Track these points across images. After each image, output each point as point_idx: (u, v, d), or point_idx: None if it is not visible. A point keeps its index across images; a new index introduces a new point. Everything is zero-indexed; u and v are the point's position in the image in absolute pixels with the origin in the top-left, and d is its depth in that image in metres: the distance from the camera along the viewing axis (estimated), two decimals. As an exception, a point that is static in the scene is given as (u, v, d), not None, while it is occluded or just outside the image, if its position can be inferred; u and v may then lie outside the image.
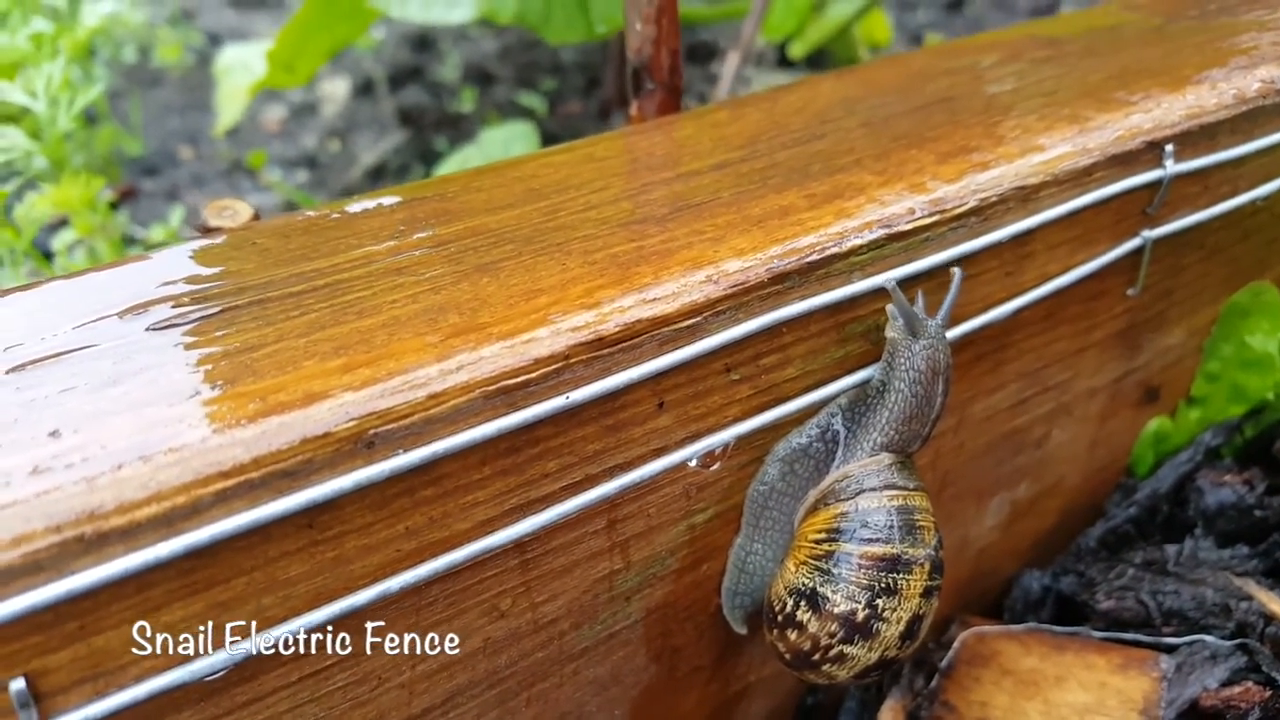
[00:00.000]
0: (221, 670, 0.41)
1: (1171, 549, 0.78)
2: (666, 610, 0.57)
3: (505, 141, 1.32)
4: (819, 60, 1.83)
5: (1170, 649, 0.72)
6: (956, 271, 0.53)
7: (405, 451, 0.41)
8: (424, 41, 2.12)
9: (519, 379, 0.43)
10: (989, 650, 0.71)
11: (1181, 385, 0.82)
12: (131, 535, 0.37)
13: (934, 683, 0.69)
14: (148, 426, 0.39)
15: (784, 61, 1.84)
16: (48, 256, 1.33)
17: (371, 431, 0.40)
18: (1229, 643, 0.72)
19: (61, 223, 1.49)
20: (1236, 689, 0.69)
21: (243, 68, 1.33)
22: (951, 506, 0.70)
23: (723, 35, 1.98)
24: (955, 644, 0.71)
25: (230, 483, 0.38)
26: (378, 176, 1.65)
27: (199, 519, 0.38)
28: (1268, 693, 0.67)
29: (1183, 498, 0.81)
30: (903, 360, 0.52)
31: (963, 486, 0.69)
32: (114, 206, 1.60)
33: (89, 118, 1.88)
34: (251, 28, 2.39)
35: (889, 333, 0.53)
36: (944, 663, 0.70)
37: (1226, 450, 0.84)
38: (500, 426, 0.43)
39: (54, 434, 0.39)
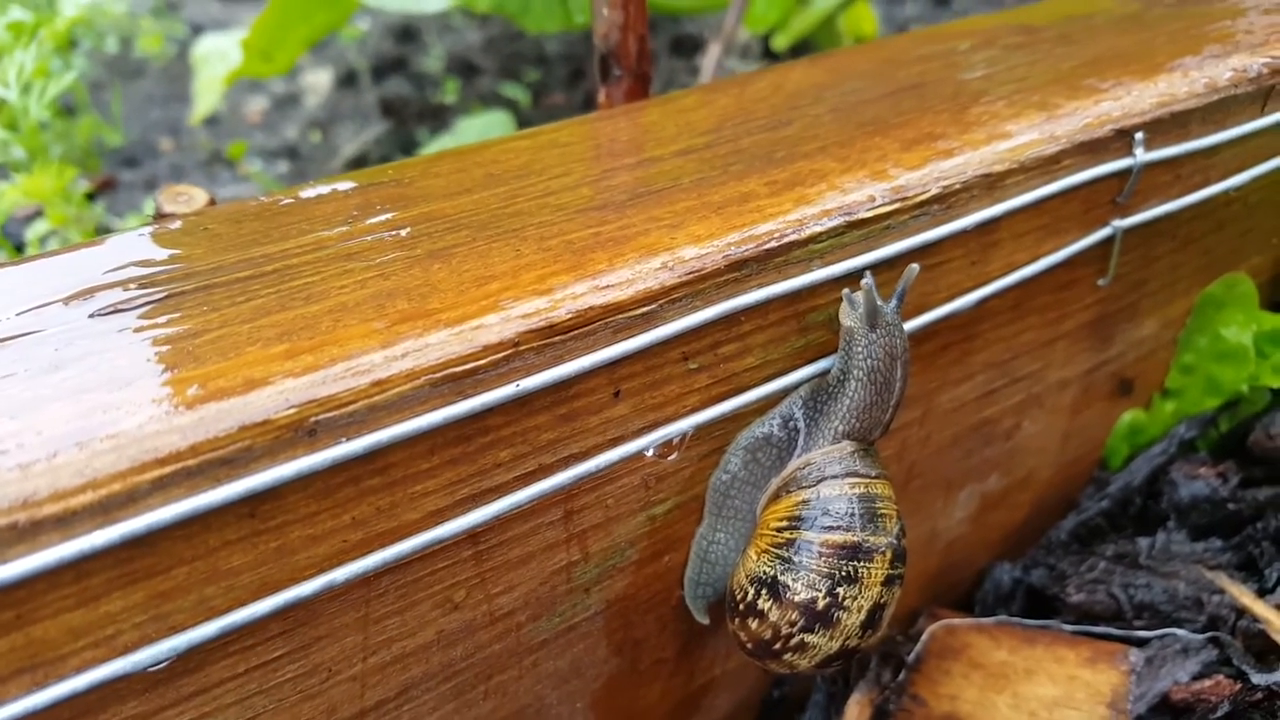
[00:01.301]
0: (165, 661, 0.40)
1: (1144, 542, 0.77)
2: (627, 602, 0.56)
3: (482, 130, 1.32)
4: (803, 52, 1.83)
5: (1141, 642, 0.71)
6: (914, 267, 0.52)
7: (349, 440, 0.41)
8: (407, 33, 2.11)
9: (467, 366, 0.43)
10: (958, 643, 0.71)
11: (1156, 378, 0.82)
12: (67, 523, 0.36)
13: (902, 676, 0.69)
14: (86, 413, 0.38)
15: (768, 54, 1.83)
16: (19, 249, 1.32)
17: (313, 419, 0.40)
18: (1200, 636, 0.71)
19: (38, 214, 1.48)
20: (1207, 682, 0.68)
21: (220, 57, 1.32)
22: (919, 498, 0.69)
23: (707, 28, 1.97)
24: (924, 636, 0.70)
25: (167, 470, 0.38)
26: (359, 167, 1.64)
27: (136, 507, 0.37)
28: (1238, 686, 0.67)
29: (1156, 490, 0.81)
30: (860, 349, 0.51)
31: (930, 478, 0.69)
32: (92, 197, 1.58)
33: (69, 109, 1.87)
34: (236, 19, 2.38)
35: (844, 320, 0.52)
36: (912, 655, 0.69)
37: (1201, 443, 0.84)
38: (448, 415, 0.43)
39: (-10, 421, 0.38)
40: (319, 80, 1.99)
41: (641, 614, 0.57)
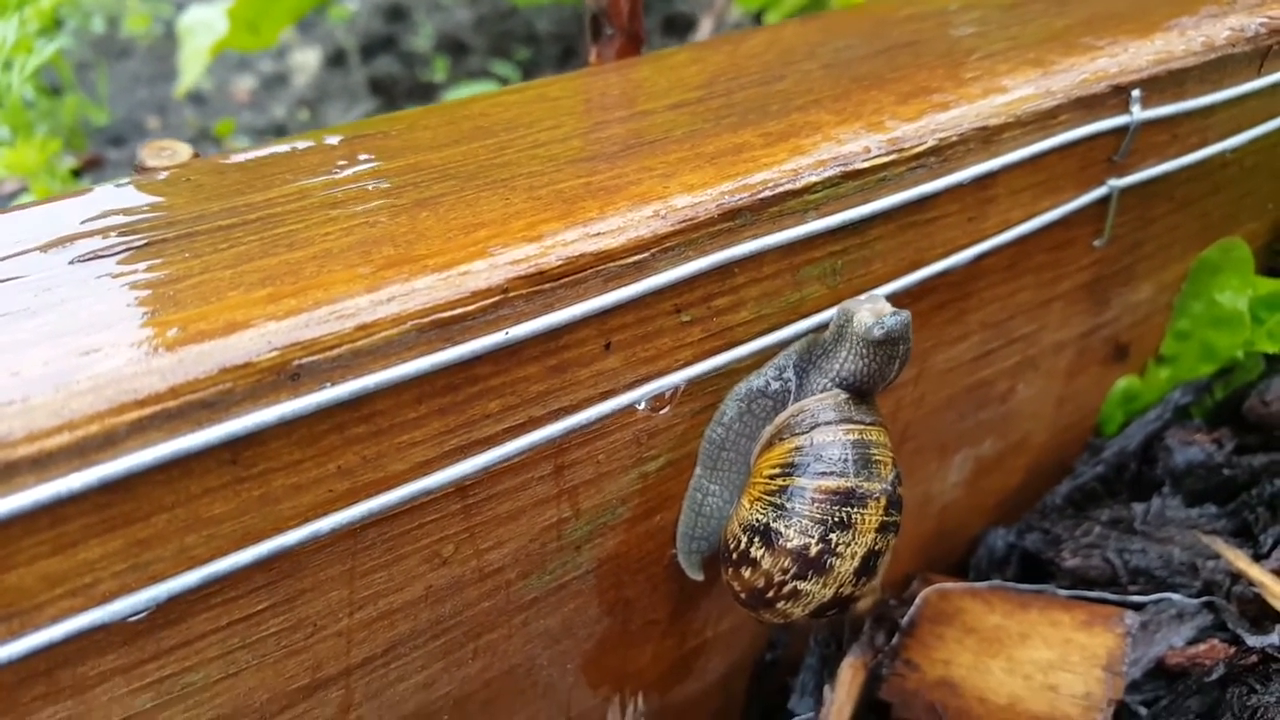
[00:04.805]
0: (144, 612, 0.39)
1: (1139, 507, 0.77)
2: (619, 561, 0.56)
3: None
4: (796, 30, 1.81)
5: (1137, 607, 0.71)
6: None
7: (333, 385, 0.40)
8: (397, 11, 2.10)
9: (454, 312, 0.42)
10: (952, 608, 0.70)
11: (1151, 343, 0.81)
12: (42, 465, 0.35)
13: (895, 640, 0.68)
14: (62, 356, 0.37)
15: (760, 31, 1.81)
16: (5, 221, 1.31)
17: (295, 362, 0.39)
18: (1195, 601, 0.71)
19: (23, 190, 1.47)
20: (1202, 647, 0.68)
21: (205, 28, 1.30)
22: (913, 461, 0.69)
23: (699, 6, 1.96)
24: (917, 601, 0.70)
25: (146, 412, 0.37)
26: (347, 145, 1.63)
27: (114, 450, 0.36)
28: (1232, 650, 0.67)
29: (1151, 456, 0.80)
30: (852, 354, 0.50)
31: (924, 440, 0.68)
32: (78, 175, 1.57)
33: (54, 88, 1.85)
34: (223, -2, 2.36)
35: (845, 317, 0.51)
36: (905, 620, 0.69)
37: (1196, 410, 0.83)
38: (435, 361, 0.42)
39: (-36, 364, 0.37)
40: (307, 59, 1.97)
41: (633, 573, 0.57)
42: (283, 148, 0.54)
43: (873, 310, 0.50)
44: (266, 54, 2.03)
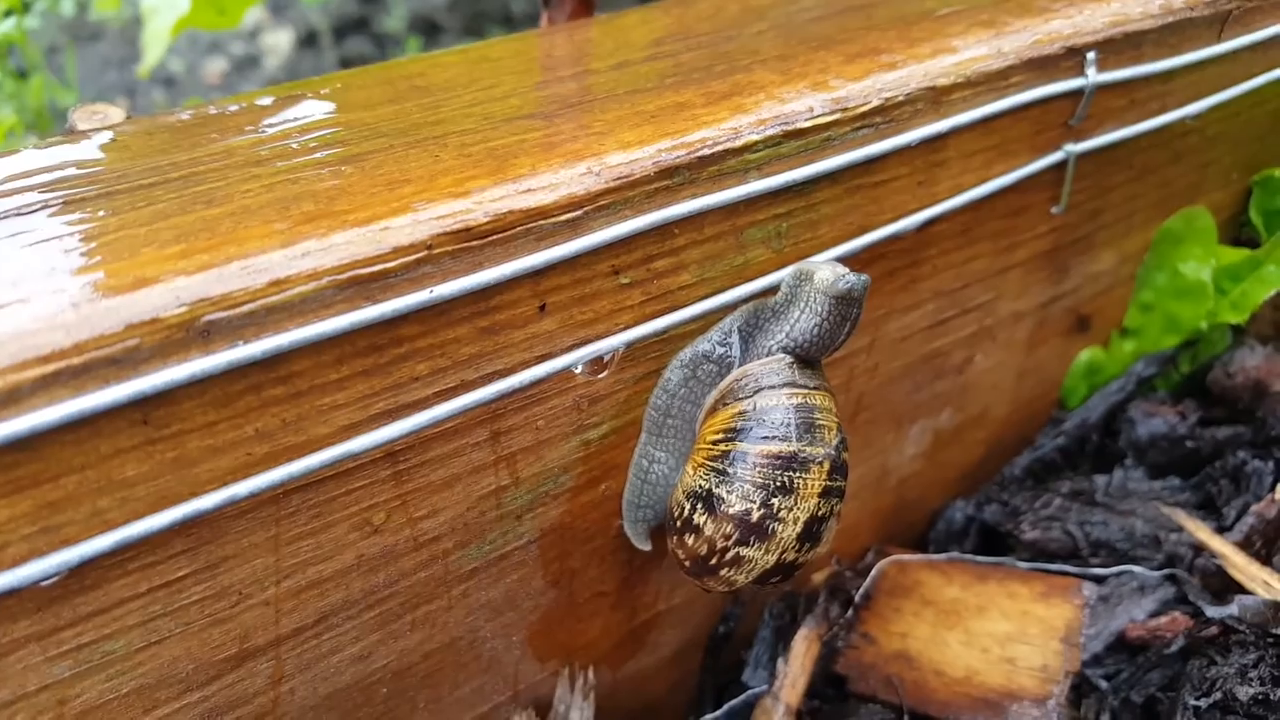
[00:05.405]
0: (55, 576, 0.38)
1: (1100, 479, 0.76)
2: (563, 531, 0.54)
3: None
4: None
5: (1098, 580, 0.70)
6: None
7: (245, 343, 0.38)
8: (371, -7, 2.08)
9: (374, 268, 0.41)
10: (909, 580, 0.69)
11: (1113, 315, 0.80)
12: (-59, 425, 0.34)
13: (851, 612, 0.67)
14: (-33, 315, 0.36)
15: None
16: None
17: (205, 318, 0.37)
18: (1157, 573, 0.70)
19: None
20: (1163, 619, 0.67)
21: (169, 7, 1.28)
22: (868, 432, 0.68)
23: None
24: (873, 573, 0.69)
25: (50, 369, 0.35)
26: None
27: (17, 407, 0.35)
28: (1193, 621, 0.66)
29: (1113, 428, 0.79)
30: (813, 303, 0.49)
31: (879, 411, 0.67)
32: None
33: (21, 72, 1.83)
34: (196, -19, 2.33)
35: (804, 275, 0.50)
36: (861, 591, 0.68)
37: (1161, 383, 0.82)
38: (355, 320, 0.41)
39: None
40: (279, 41, 1.95)
41: (578, 544, 0.56)
42: (213, 109, 0.52)
43: (832, 270, 0.49)
44: (238, 36, 2.01)
